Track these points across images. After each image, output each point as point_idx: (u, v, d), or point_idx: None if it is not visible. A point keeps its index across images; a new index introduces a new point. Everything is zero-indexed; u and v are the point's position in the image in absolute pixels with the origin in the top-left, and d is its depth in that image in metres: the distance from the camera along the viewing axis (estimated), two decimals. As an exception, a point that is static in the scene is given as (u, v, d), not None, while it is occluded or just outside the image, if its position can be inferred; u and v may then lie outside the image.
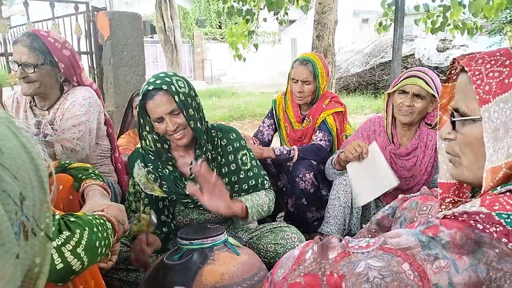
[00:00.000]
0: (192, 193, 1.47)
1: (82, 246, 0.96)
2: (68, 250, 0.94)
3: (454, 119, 0.86)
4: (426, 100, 1.91)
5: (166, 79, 1.55)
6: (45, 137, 1.81)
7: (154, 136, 1.65)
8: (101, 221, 1.09)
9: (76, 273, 0.96)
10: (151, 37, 15.95)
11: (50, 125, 1.84)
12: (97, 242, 1.02)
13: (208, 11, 17.40)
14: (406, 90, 1.92)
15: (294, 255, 0.79)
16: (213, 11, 16.84)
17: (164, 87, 1.52)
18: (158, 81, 1.53)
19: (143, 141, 1.68)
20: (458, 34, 5.55)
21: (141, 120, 1.62)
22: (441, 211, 0.83)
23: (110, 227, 1.13)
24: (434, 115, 1.97)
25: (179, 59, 8.02)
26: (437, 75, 2.18)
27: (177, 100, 1.53)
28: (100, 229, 1.05)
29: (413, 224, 0.78)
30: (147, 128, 1.64)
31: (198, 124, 1.60)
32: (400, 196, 2.13)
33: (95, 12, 3.53)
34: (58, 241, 0.94)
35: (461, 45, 9.94)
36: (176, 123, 1.55)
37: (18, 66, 1.76)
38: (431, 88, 1.87)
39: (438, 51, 9.87)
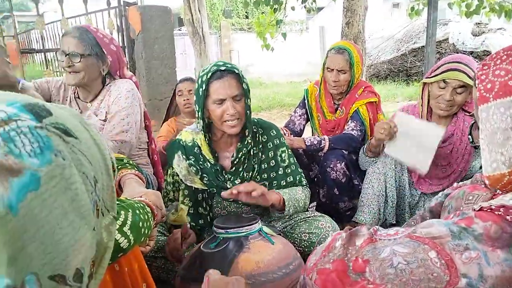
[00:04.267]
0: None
1: (127, 226, 1.01)
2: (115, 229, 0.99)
3: None
4: (466, 92, 1.85)
5: (235, 65, 1.60)
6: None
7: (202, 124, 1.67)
8: (141, 205, 1.14)
9: (123, 250, 1.01)
10: (179, 30, 16.07)
11: (94, 115, 1.92)
12: (140, 223, 1.07)
13: (235, 1, 17.34)
14: (447, 83, 1.84)
15: (326, 243, 0.82)
16: (239, 1, 16.75)
17: (236, 71, 1.57)
18: (229, 65, 1.58)
19: (196, 122, 1.69)
20: (494, 17, 5.33)
21: (199, 101, 1.60)
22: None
23: (150, 211, 1.18)
24: (473, 103, 1.91)
25: (207, 51, 8.06)
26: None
27: (244, 87, 1.58)
28: (142, 211, 1.10)
29: (449, 215, 0.77)
30: (200, 113, 1.64)
31: (251, 117, 1.64)
32: (437, 183, 2.08)
33: (127, 7, 3.59)
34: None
35: (497, 29, 9.53)
36: (236, 108, 1.57)
37: (65, 56, 1.82)
38: (472, 80, 1.80)
39: (473, 35, 9.51)
